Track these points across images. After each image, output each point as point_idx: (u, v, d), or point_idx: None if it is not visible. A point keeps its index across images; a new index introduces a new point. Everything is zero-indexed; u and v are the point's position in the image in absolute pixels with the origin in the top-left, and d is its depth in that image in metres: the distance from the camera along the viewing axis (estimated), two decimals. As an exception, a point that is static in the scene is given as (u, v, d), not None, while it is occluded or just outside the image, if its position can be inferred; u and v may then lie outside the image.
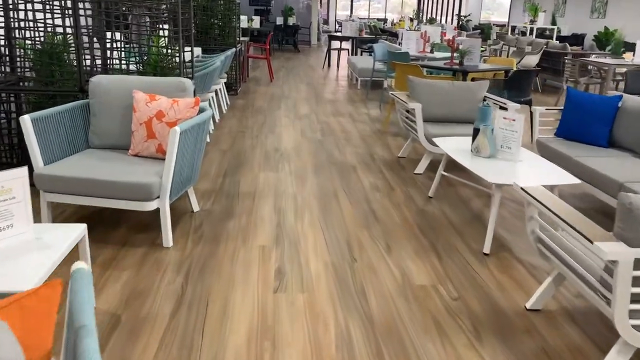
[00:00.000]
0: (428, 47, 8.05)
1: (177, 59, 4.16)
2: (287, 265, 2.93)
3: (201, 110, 3.40)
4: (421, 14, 31.93)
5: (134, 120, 3.26)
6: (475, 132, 3.52)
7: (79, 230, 2.31)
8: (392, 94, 5.04)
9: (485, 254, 3.13)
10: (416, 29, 15.49)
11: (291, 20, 17.12)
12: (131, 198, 2.90)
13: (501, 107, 4.76)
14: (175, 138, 2.89)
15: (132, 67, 4.42)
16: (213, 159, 4.84)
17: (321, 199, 3.94)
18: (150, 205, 2.92)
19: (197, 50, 6.97)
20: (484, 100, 4.94)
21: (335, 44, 17.19)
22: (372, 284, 2.78)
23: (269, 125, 6.32)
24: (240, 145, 5.38)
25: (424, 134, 4.50)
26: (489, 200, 4.09)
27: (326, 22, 29.92)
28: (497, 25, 20.26)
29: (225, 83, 8.33)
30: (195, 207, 3.60)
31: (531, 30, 15.13)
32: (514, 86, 5.70)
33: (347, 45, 16.17)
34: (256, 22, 14.49)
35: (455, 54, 6.34)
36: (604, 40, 15.65)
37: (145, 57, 4.15)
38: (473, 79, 5.89)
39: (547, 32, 16.98)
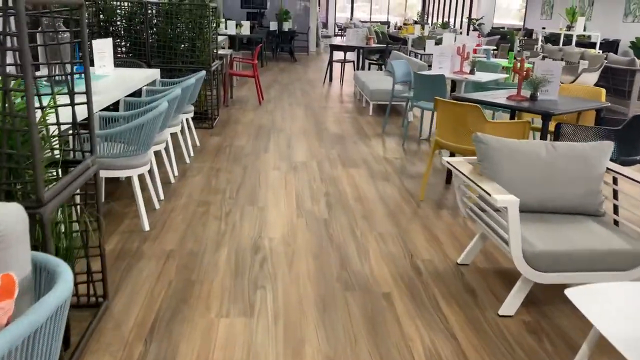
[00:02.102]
0: (467, 65, 6.02)
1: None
2: None
3: (52, 282, 1.36)
4: (426, 16, 30.00)
5: None
6: None
7: None
8: (447, 161, 3.00)
9: None
10: (429, 35, 13.49)
11: (287, 25, 15.09)
12: None
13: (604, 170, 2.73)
14: None
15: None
16: (142, 278, 2.79)
17: (336, 419, 1.90)
18: None
19: (156, 74, 4.97)
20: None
21: (338, 54, 15.20)
22: None
23: (249, 188, 4.28)
24: (198, 237, 3.34)
25: (521, 251, 2.46)
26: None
27: (325, 25, 27.94)
28: (512, 30, 18.23)
29: (195, 115, 6.30)
30: None
31: (566, 37, 13.14)
32: (627, 137, 3.67)
33: (350, 55, 14.12)
34: (246, 27, 12.51)
35: (523, 84, 4.32)
36: (644, 48, 13.68)
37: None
38: (559, 125, 3.88)
39: (576, 38, 15.02)
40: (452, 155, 4.51)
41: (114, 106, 4.26)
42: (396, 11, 32.21)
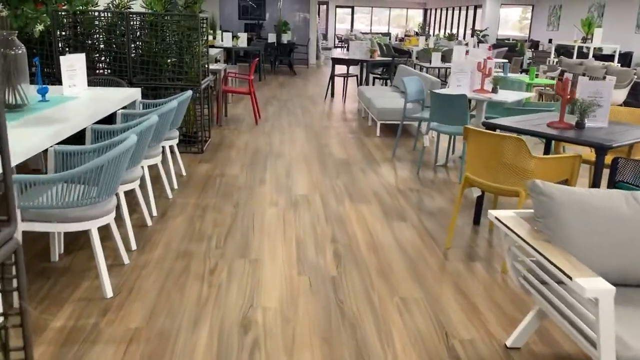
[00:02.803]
0: (489, 83, 5.35)
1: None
2: None
3: None
4: (427, 27, 29.48)
5: None
6: None
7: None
8: (496, 218, 2.31)
9: None
10: (436, 47, 12.87)
11: (286, 37, 14.47)
12: None
13: None
14: None
15: None
16: (95, 378, 2.09)
17: None
18: None
19: (135, 94, 4.32)
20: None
21: (340, 67, 14.61)
22: None
23: (240, 234, 3.58)
24: (172, 308, 2.63)
25: (615, 358, 1.76)
26: None
27: (325, 37, 27.40)
28: (521, 42, 17.63)
29: (183, 137, 5.63)
30: None
31: (580, 49, 12.52)
32: None
33: (353, 69, 13.49)
34: (243, 39, 11.89)
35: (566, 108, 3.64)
36: (660, 60, 13.08)
37: None
38: (616, 160, 3.20)
39: (585, 50, 14.42)
40: (483, 193, 3.82)
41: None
42: (396, 22, 31.68)
